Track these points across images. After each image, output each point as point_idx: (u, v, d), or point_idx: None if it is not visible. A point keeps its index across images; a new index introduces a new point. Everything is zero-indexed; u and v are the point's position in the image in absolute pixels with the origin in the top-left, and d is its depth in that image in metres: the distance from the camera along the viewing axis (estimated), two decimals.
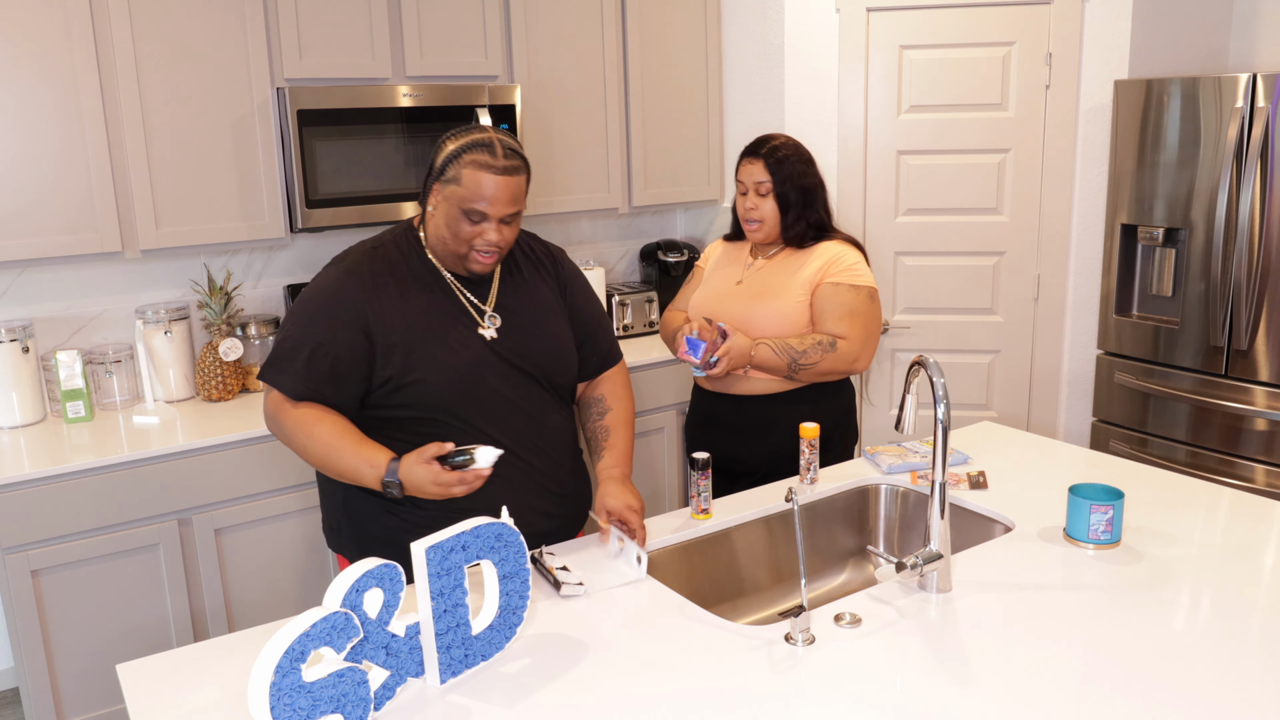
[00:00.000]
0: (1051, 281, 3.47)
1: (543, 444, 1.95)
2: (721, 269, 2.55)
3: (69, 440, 2.68)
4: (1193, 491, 2.11)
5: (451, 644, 1.46)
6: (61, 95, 2.62)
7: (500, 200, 1.79)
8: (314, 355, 1.81)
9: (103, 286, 3.04)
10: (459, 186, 1.79)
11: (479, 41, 3.21)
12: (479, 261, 1.85)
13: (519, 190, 1.82)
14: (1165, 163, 3.13)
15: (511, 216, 1.83)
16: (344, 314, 1.82)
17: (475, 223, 1.81)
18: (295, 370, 1.82)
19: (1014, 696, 1.39)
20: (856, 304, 2.36)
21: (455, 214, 1.81)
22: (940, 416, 1.67)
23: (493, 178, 1.78)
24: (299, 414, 1.82)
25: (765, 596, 2.08)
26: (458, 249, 1.84)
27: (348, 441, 1.79)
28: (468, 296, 1.91)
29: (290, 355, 1.83)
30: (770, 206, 2.40)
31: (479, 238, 1.82)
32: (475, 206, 1.78)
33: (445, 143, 1.84)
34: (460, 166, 1.79)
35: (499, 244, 1.83)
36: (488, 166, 1.78)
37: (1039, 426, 3.56)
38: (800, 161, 2.41)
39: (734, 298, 2.45)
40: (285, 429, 1.84)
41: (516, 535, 1.53)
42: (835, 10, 3.40)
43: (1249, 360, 3.00)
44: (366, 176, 2.99)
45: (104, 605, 2.59)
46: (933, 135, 3.44)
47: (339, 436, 1.80)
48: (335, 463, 1.80)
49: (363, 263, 1.87)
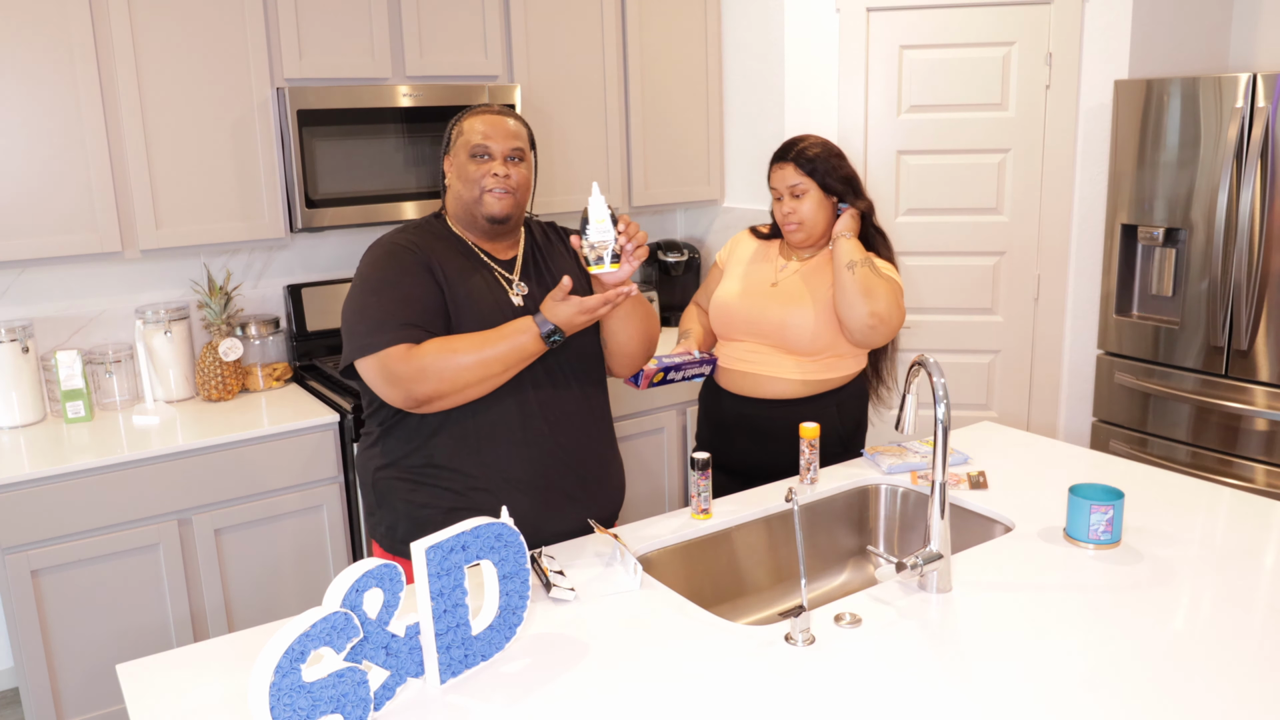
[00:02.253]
0: (1051, 281, 3.47)
1: (569, 416, 1.97)
2: (751, 266, 2.48)
3: (69, 440, 2.68)
4: (1193, 491, 2.11)
5: (451, 644, 1.46)
6: (61, 95, 2.62)
7: (499, 133, 1.92)
8: (410, 303, 1.83)
9: (103, 286, 3.04)
10: (463, 135, 1.94)
11: (479, 41, 3.21)
12: (494, 201, 1.93)
13: (519, 130, 1.96)
14: (1165, 163, 3.13)
15: (515, 153, 1.94)
16: (413, 266, 1.88)
17: (482, 161, 1.92)
18: (404, 322, 1.81)
19: (1014, 696, 1.39)
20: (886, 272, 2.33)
21: (464, 162, 1.94)
22: (940, 416, 1.67)
23: (490, 115, 1.95)
24: (425, 348, 1.80)
25: (765, 596, 2.08)
26: (471, 196, 1.93)
27: (487, 334, 1.83)
28: (497, 269, 1.98)
29: (387, 316, 1.82)
30: (808, 208, 2.35)
31: (487, 175, 1.91)
32: (478, 142, 1.91)
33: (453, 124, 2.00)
34: (462, 121, 1.97)
35: (507, 181, 1.92)
36: (485, 111, 1.96)
37: (1039, 426, 3.56)
38: (832, 156, 2.37)
39: (769, 300, 2.39)
40: (425, 363, 1.79)
41: (516, 535, 1.53)
42: (835, 10, 3.40)
43: (1249, 360, 3.00)
44: (366, 176, 2.99)
45: (104, 605, 2.59)
46: (933, 135, 3.44)
47: (477, 335, 1.83)
48: (491, 351, 1.80)
49: (400, 237, 1.94)
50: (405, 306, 1.83)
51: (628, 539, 1.93)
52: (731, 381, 2.45)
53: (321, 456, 2.82)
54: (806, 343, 2.35)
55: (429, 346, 1.81)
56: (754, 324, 2.39)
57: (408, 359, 1.79)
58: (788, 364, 2.38)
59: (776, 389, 2.39)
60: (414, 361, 1.79)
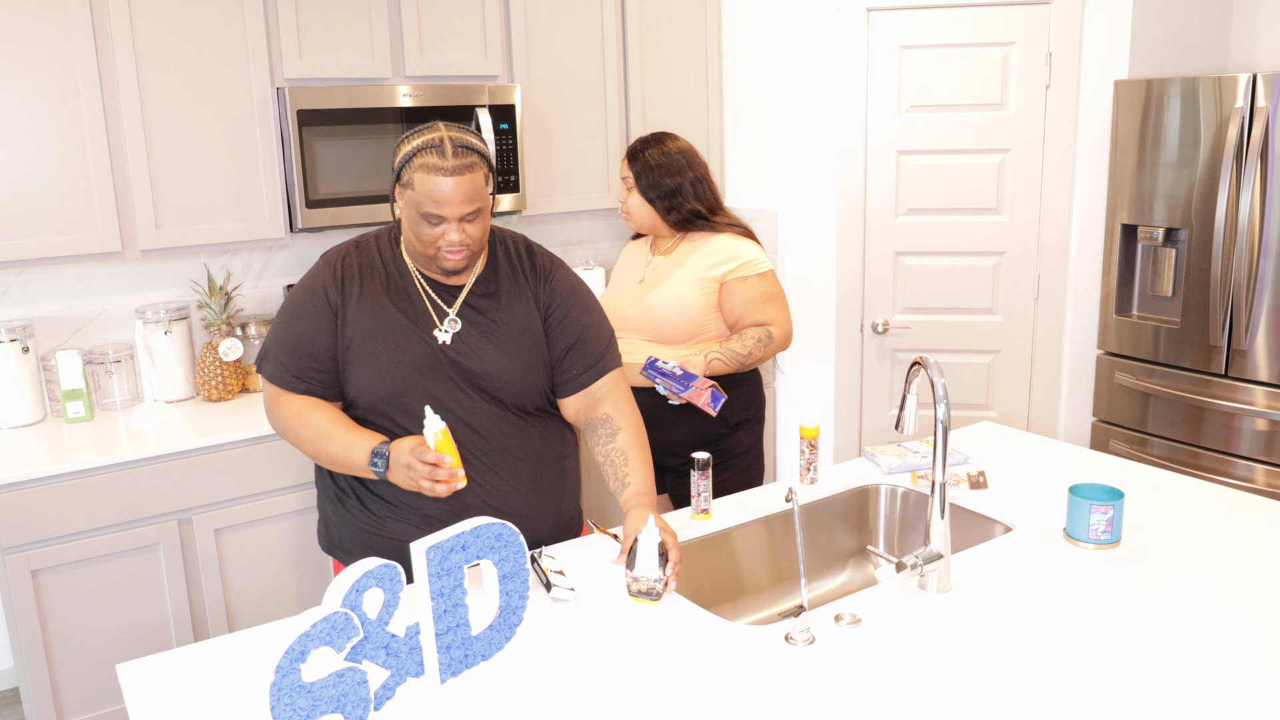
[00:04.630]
0: (1051, 281, 3.47)
1: (488, 460, 1.88)
2: (625, 269, 2.70)
3: (69, 440, 2.68)
4: (1193, 491, 2.11)
5: (451, 644, 1.46)
6: (61, 95, 2.62)
7: (454, 201, 1.75)
8: (296, 347, 1.87)
9: (103, 286, 3.04)
10: (414, 191, 1.78)
11: (479, 41, 3.21)
12: (447, 260, 1.82)
13: (474, 188, 1.77)
14: (1165, 163, 3.13)
15: (472, 214, 1.79)
16: (317, 305, 1.87)
17: (435, 225, 1.78)
18: (281, 361, 1.88)
19: (1014, 696, 1.39)
20: (768, 289, 2.54)
21: (415, 218, 1.80)
22: (940, 416, 1.67)
23: (443, 180, 1.74)
24: (293, 404, 1.87)
25: (765, 596, 2.08)
26: (425, 251, 1.84)
27: (338, 427, 1.83)
28: (433, 300, 1.89)
29: (277, 348, 1.89)
30: (636, 200, 2.56)
31: (441, 239, 1.79)
32: (431, 210, 1.76)
33: (401, 144, 1.82)
34: (413, 170, 1.77)
35: (463, 243, 1.80)
36: (437, 169, 1.74)
37: (1039, 426, 3.56)
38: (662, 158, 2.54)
39: (635, 295, 2.58)
40: (279, 419, 1.90)
41: (516, 535, 1.53)
42: (835, 10, 3.40)
43: (1248, 360, 3.00)
44: (366, 176, 2.99)
45: (104, 605, 2.59)
46: (933, 135, 3.44)
47: (330, 423, 1.84)
48: (325, 448, 1.83)
49: (336, 259, 1.91)
50: (295, 354, 1.87)
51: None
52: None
53: None
54: (675, 332, 2.52)
55: (291, 406, 1.87)
56: (628, 320, 2.57)
57: (273, 403, 1.90)
58: (667, 354, 2.51)
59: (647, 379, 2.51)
60: (273, 409, 1.90)
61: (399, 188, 1.83)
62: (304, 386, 1.87)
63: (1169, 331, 3.18)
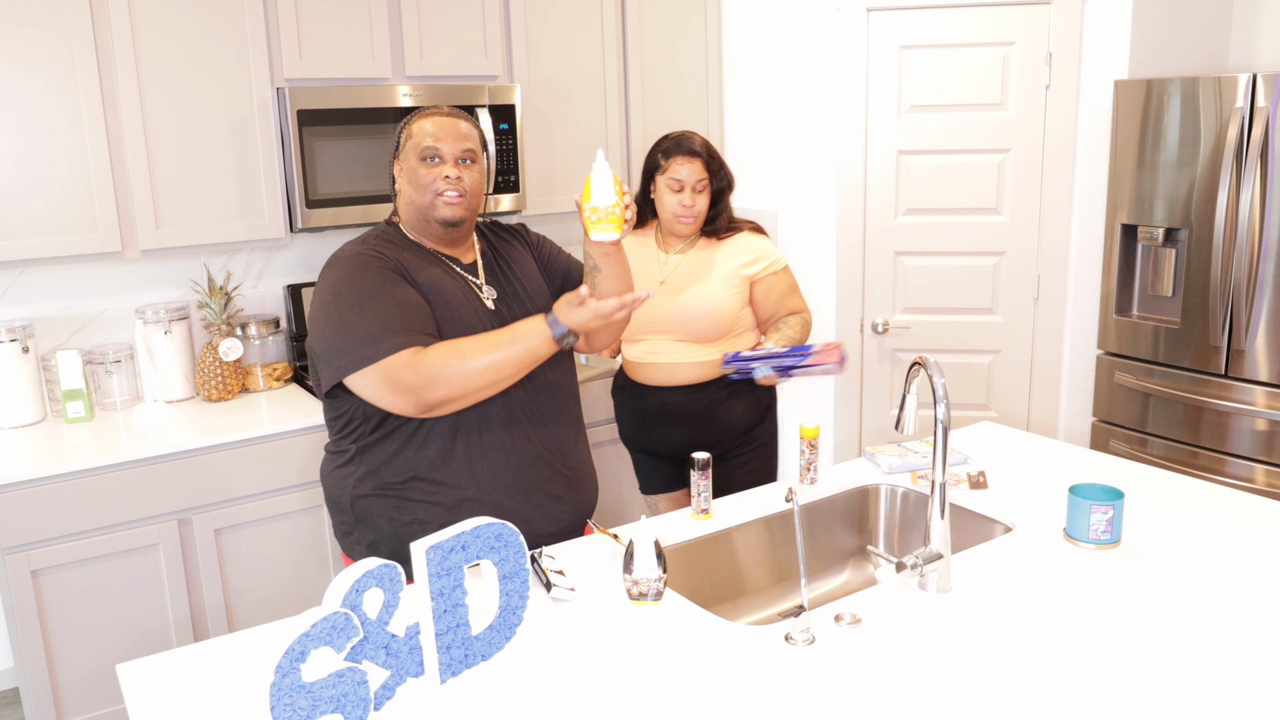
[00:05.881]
0: (1051, 281, 3.47)
1: (548, 415, 1.97)
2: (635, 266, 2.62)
3: (69, 440, 2.68)
4: (1193, 491, 2.11)
5: (451, 644, 1.46)
6: (61, 95, 2.62)
7: (449, 135, 1.88)
8: (404, 310, 1.79)
9: (103, 286, 3.04)
10: (412, 138, 1.90)
11: (479, 41, 3.21)
12: (445, 205, 1.88)
13: (470, 132, 1.91)
14: (1165, 163, 3.13)
15: (466, 154, 1.90)
16: (391, 275, 1.83)
17: (433, 165, 1.88)
18: (399, 328, 1.76)
19: (1014, 696, 1.39)
20: (791, 280, 2.65)
21: (414, 165, 1.89)
22: (940, 416, 1.67)
23: (439, 117, 1.91)
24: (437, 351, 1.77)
25: (765, 596, 2.08)
26: (423, 201, 1.89)
27: (497, 336, 1.82)
28: (460, 272, 1.95)
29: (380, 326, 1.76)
30: (705, 202, 2.55)
31: (439, 178, 1.87)
32: (428, 144, 1.87)
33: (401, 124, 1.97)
34: (411, 124, 1.92)
35: (459, 184, 1.88)
36: (434, 113, 1.92)
37: (1039, 426, 3.56)
38: (723, 160, 2.59)
39: (664, 297, 2.55)
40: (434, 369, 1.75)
41: (516, 535, 1.53)
42: (835, 10, 3.40)
43: (1248, 360, 3.00)
44: (366, 176, 2.99)
45: (104, 605, 2.59)
46: (933, 135, 3.44)
47: (485, 337, 1.81)
48: (502, 354, 1.78)
49: (362, 247, 1.89)
50: (397, 313, 1.78)
51: (626, 538, 1.93)
52: (648, 375, 2.60)
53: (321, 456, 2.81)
54: (707, 330, 2.53)
55: (434, 353, 1.76)
56: (655, 321, 2.55)
57: (414, 366, 1.74)
58: (694, 351, 2.55)
59: (690, 374, 2.55)
60: (421, 369, 1.74)
61: (399, 158, 1.93)
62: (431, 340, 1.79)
63: (1169, 331, 3.18)
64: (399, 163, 1.93)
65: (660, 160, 2.54)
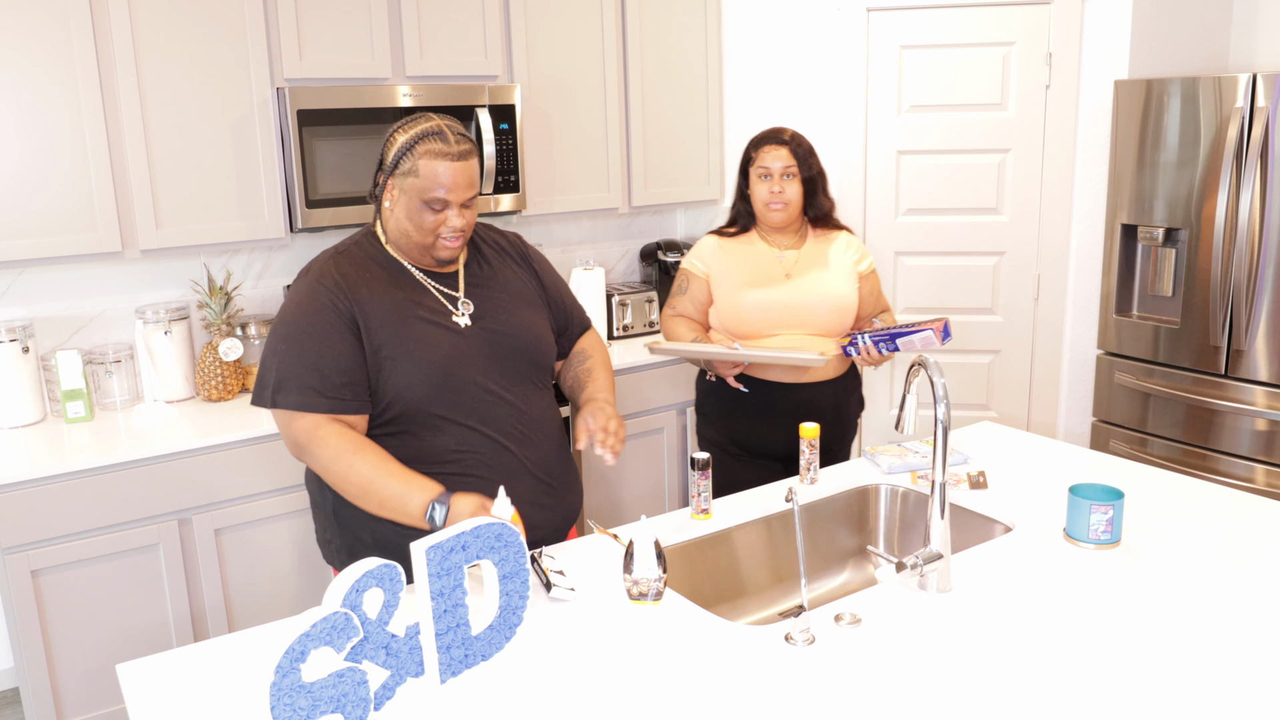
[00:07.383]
0: (1051, 281, 3.47)
1: (528, 432, 1.94)
2: (749, 265, 2.57)
3: (69, 440, 2.68)
4: (1193, 491, 2.11)
5: (451, 644, 1.46)
6: (61, 95, 2.62)
7: (459, 185, 1.81)
8: (321, 368, 1.78)
9: (103, 286, 3.03)
10: (417, 178, 1.81)
11: (479, 41, 3.21)
12: (445, 248, 1.86)
13: (475, 173, 1.85)
14: (1165, 163, 3.13)
15: (471, 199, 1.86)
16: (329, 320, 1.80)
17: (438, 211, 1.83)
18: (309, 386, 1.77)
19: (1014, 696, 1.39)
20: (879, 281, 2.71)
21: (415, 205, 1.82)
22: (940, 416, 1.67)
23: (450, 164, 1.80)
24: (335, 444, 1.77)
25: (765, 596, 2.08)
26: (422, 240, 1.86)
27: (390, 473, 1.76)
28: (437, 288, 1.92)
29: (297, 374, 1.78)
30: (795, 189, 2.53)
31: (443, 225, 1.84)
32: (436, 195, 1.80)
33: (395, 135, 1.84)
34: (415, 158, 1.80)
35: (463, 228, 1.86)
36: (443, 154, 1.79)
37: (1039, 426, 3.56)
38: (812, 149, 2.59)
39: (791, 291, 2.53)
40: (321, 458, 1.78)
41: (516, 535, 1.53)
42: (835, 10, 3.40)
43: (1248, 360, 3.00)
44: (366, 176, 2.99)
45: (104, 605, 2.59)
46: (933, 135, 3.44)
47: (380, 467, 1.76)
48: (376, 493, 1.76)
49: (329, 270, 1.85)
50: (314, 370, 1.77)
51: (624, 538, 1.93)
52: (777, 374, 2.56)
53: None
54: (835, 323, 2.55)
55: (329, 442, 1.77)
56: (788, 314, 2.52)
57: (310, 439, 1.78)
58: (824, 345, 2.54)
59: (821, 370, 2.55)
60: (311, 448, 1.78)
61: (394, 179, 1.84)
62: (342, 406, 1.78)
63: (1169, 331, 3.18)
64: (393, 183, 1.84)
65: (751, 154, 2.57)
